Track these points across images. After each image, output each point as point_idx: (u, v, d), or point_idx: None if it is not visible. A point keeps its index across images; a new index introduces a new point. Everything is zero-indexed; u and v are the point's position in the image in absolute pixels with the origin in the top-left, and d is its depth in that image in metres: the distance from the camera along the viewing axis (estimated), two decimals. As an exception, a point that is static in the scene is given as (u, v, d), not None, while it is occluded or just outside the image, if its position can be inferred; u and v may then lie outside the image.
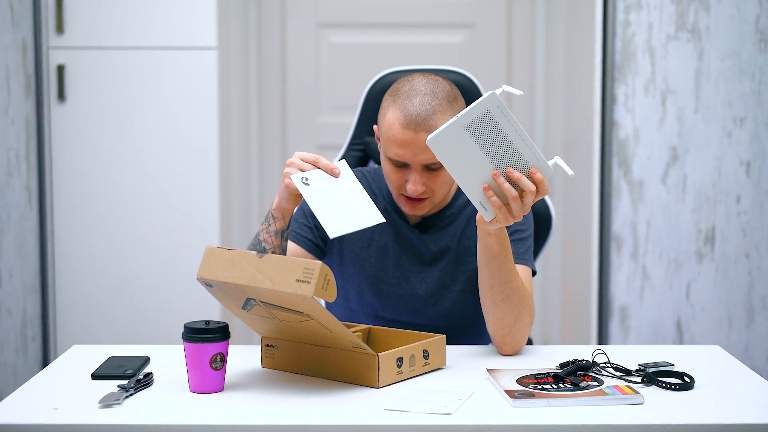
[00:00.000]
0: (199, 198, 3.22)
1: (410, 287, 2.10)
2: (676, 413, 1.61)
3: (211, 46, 3.19)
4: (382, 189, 2.13)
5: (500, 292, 1.91)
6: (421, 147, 1.92)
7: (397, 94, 1.98)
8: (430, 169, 1.97)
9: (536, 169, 1.78)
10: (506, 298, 1.92)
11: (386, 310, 2.11)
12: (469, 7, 3.71)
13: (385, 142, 1.99)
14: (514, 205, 1.79)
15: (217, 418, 1.60)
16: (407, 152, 1.94)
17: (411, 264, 2.11)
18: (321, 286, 1.61)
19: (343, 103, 3.64)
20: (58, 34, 3.16)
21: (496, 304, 1.92)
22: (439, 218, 2.11)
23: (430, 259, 2.10)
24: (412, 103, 1.94)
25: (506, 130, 1.75)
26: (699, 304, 3.16)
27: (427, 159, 1.94)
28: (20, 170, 3.06)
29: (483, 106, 1.73)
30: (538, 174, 1.78)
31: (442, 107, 1.95)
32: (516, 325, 1.93)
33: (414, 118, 1.93)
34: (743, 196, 3.13)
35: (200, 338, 1.68)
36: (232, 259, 1.69)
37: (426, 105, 1.94)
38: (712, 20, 3.08)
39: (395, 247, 2.10)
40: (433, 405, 1.62)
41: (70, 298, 3.23)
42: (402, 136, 1.94)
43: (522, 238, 2.05)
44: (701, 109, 3.11)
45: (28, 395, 1.71)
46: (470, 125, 1.74)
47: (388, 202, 2.12)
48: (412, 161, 1.95)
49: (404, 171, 1.98)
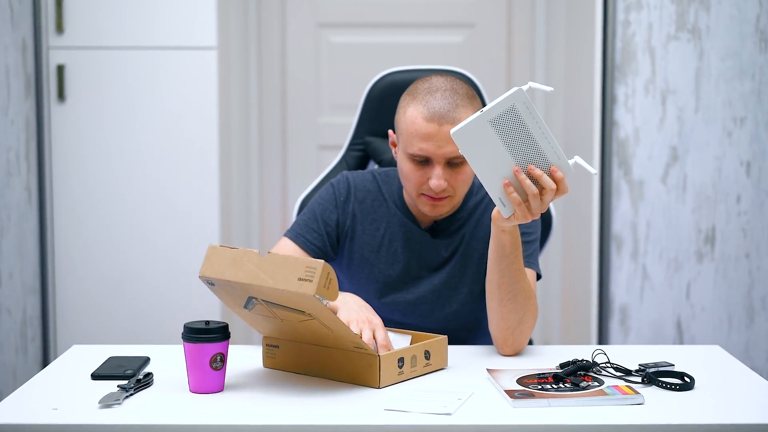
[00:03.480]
0: (199, 198, 3.22)
1: (418, 291, 2.10)
2: (676, 413, 1.61)
3: (211, 46, 3.19)
4: (392, 192, 2.12)
5: (508, 291, 1.91)
6: (445, 139, 1.93)
7: (417, 92, 1.99)
8: (453, 164, 1.97)
9: (557, 168, 1.78)
10: (513, 298, 1.92)
11: (394, 314, 2.10)
12: (469, 7, 3.71)
13: (406, 138, 1.98)
14: (533, 203, 1.78)
15: (217, 418, 1.60)
16: (431, 145, 1.94)
17: (420, 269, 2.10)
18: (323, 285, 1.61)
19: (343, 103, 3.64)
20: (58, 34, 3.16)
21: (503, 303, 1.92)
22: (450, 222, 2.10)
23: (440, 263, 2.10)
24: (434, 97, 1.96)
25: (530, 127, 1.75)
26: (699, 304, 3.16)
27: (451, 152, 1.94)
28: (20, 170, 3.06)
29: (509, 102, 1.73)
30: (559, 172, 1.78)
31: (464, 102, 1.96)
32: (520, 326, 1.94)
33: (437, 111, 1.94)
34: (743, 196, 3.13)
35: (200, 338, 1.68)
36: (234, 257, 1.69)
37: (448, 99, 1.95)
38: (712, 20, 3.08)
39: (405, 252, 2.09)
40: (433, 405, 1.62)
41: (70, 298, 3.23)
42: (426, 129, 1.94)
43: (529, 241, 2.05)
44: (701, 109, 3.11)
45: (28, 395, 1.71)
46: (495, 120, 1.74)
47: (399, 206, 2.11)
48: (436, 155, 1.95)
49: (426, 168, 1.98)
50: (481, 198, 2.12)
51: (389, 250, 2.09)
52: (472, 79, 2.41)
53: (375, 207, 2.11)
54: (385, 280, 2.10)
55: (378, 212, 2.11)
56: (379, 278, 2.10)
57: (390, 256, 2.09)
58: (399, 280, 2.10)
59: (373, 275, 2.10)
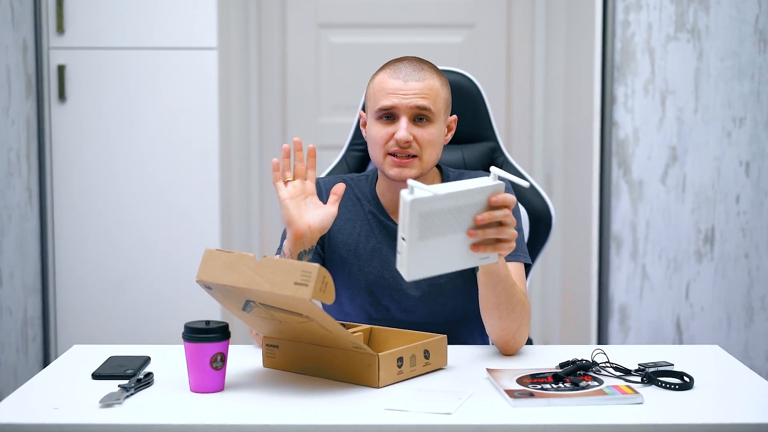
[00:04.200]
0: (199, 198, 3.22)
1: (401, 288, 2.09)
2: (676, 413, 1.61)
3: (211, 46, 3.19)
4: (365, 193, 2.13)
5: (506, 309, 1.92)
6: (411, 93, 1.99)
7: (385, 64, 2.09)
8: (419, 119, 2.01)
9: (492, 196, 1.71)
10: (511, 311, 1.93)
11: (379, 312, 2.10)
12: (469, 7, 3.71)
13: (373, 101, 2.03)
14: (502, 235, 1.73)
15: (217, 418, 1.60)
16: (396, 98, 2.00)
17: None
18: (319, 289, 1.61)
19: (343, 103, 3.64)
20: (58, 35, 3.17)
21: (503, 319, 1.92)
22: None
23: None
24: (402, 63, 2.05)
25: (445, 207, 1.67)
26: (698, 304, 3.16)
27: (416, 104, 1.99)
28: (21, 170, 3.06)
29: (414, 214, 1.64)
30: (494, 198, 1.71)
31: (431, 70, 2.05)
32: (519, 330, 1.94)
33: (403, 70, 2.03)
34: (742, 196, 3.13)
35: (200, 338, 1.68)
36: (230, 261, 1.70)
37: (414, 65, 2.05)
38: (711, 20, 3.08)
39: (384, 248, 2.09)
40: (433, 405, 1.62)
41: (70, 298, 3.24)
42: (392, 85, 2.01)
43: None
44: (701, 109, 3.11)
45: (29, 395, 1.72)
46: (420, 235, 1.66)
47: (373, 205, 2.11)
48: (401, 106, 1.99)
49: (392, 125, 2.01)
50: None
51: (366, 247, 2.09)
52: (472, 79, 2.41)
53: (348, 207, 2.12)
54: (367, 278, 2.09)
55: (352, 212, 2.11)
56: (360, 277, 2.09)
57: (368, 253, 2.09)
58: (380, 277, 2.09)
59: (353, 274, 2.10)
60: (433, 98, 2.01)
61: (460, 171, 2.17)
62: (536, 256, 2.38)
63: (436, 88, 2.03)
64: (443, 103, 2.04)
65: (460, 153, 2.37)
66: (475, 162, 2.38)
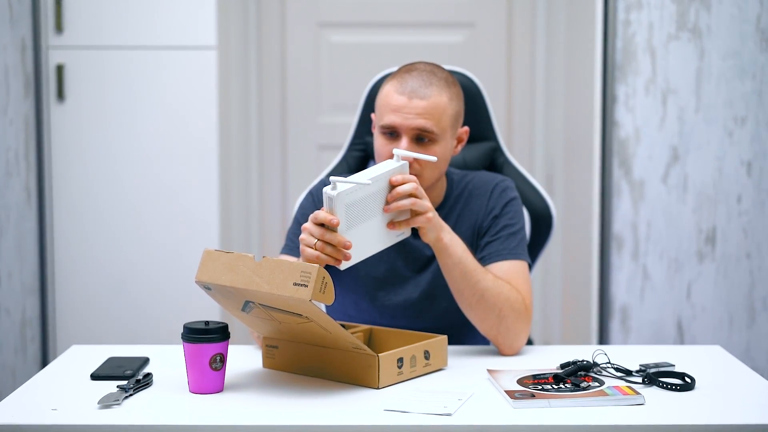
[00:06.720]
0: (199, 198, 3.21)
1: (406, 293, 2.09)
2: (677, 414, 1.61)
3: (211, 45, 3.19)
4: None
5: (473, 295, 1.92)
6: (414, 113, 1.97)
7: (397, 71, 2.05)
8: (421, 140, 1.99)
9: (393, 177, 1.83)
10: (480, 299, 1.92)
11: (383, 317, 2.10)
12: (469, 7, 3.71)
13: (379, 113, 2.02)
14: (417, 207, 1.84)
15: (217, 418, 1.59)
16: (399, 117, 1.98)
17: (406, 269, 2.10)
18: (318, 289, 1.61)
19: (343, 103, 3.64)
20: (57, 34, 3.16)
21: (473, 307, 1.93)
22: None
23: (424, 263, 2.10)
24: (410, 75, 2.02)
25: (364, 194, 1.79)
26: (700, 304, 3.16)
27: (418, 126, 1.97)
28: (19, 170, 3.06)
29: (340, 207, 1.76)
30: (393, 178, 1.82)
31: (440, 85, 2.01)
32: (502, 323, 1.93)
33: (409, 86, 1.99)
34: (744, 196, 3.12)
35: (200, 338, 1.68)
36: (229, 262, 1.69)
37: (423, 78, 2.00)
38: (713, 20, 3.08)
39: (390, 253, 2.09)
40: (433, 405, 1.62)
41: (69, 298, 3.23)
42: (396, 101, 1.98)
43: (512, 233, 2.05)
44: (702, 108, 3.11)
45: (28, 395, 1.71)
46: (348, 225, 1.77)
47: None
48: (403, 126, 1.98)
49: (394, 142, 2.00)
50: (461, 191, 2.12)
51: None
52: (473, 79, 2.41)
53: None
54: (371, 282, 2.09)
55: None
56: (365, 281, 2.09)
57: (375, 258, 2.08)
58: (385, 281, 2.09)
59: (360, 279, 2.09)
60: (437, 118, 1.99)
61: (464, 172, 2.17)
62: (537, 256, 2.38)
63: (442, 105, 2.00)
64: (450, 119, 2.02)
65: (461, 153, 2.37)
66: (476, 162, 2.38)
